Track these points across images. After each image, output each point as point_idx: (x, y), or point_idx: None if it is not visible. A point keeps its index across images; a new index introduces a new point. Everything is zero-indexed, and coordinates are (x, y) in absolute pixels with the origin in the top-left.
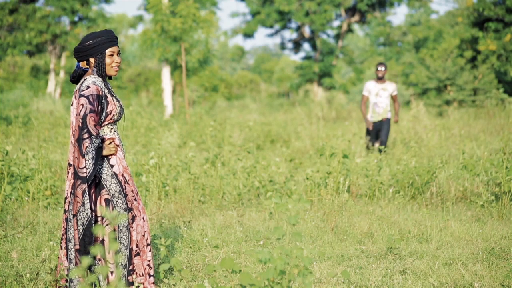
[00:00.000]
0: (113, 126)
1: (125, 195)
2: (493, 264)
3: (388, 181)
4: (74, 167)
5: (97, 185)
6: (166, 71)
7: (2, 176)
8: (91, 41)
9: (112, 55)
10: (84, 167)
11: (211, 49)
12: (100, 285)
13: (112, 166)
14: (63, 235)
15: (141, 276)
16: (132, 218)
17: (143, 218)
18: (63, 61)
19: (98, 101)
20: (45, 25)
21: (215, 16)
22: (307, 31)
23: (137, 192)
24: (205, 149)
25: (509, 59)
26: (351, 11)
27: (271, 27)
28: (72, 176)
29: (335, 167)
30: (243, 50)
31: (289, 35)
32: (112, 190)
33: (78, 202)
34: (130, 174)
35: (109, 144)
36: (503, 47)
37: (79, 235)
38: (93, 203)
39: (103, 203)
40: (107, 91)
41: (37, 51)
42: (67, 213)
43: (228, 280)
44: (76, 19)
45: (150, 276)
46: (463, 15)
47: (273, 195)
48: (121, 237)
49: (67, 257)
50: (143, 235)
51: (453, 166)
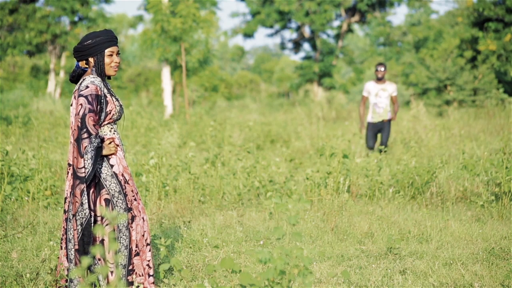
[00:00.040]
0: (113, 125)
1: (125, 195)
2: (493, 264)
3: (388, 181)
4: (73, 167)
5: (97, 185)
6: (166, 71)
7: (2, 176)
8: (91, 40)
9: (111, 55)
10: (83, 167)
11: (211, 49)
12: (100, 285)
13: (112, 166)
14: (63, 235)
15: (141, 276)
16: (131, 218)
17: (143, 218)
18: (63, 61)
19: (97, 100)
20: (45, 25)
21: (215, 16)
22: (307, 31)
23: (137, 192)
24: (205, 149)
25: (509, 59)
26: (351, 11)
27: (271, 27)
28: (71, 176)
29: (335, 167)
30: (243, 50)
31: (289, 35)
32: (112, 190)
33: (76, 202)
34: (130, 174)
35: (109, 143)
36: (503, 47)
37: (78, 235)
38: (93, 203)
39: (103, 203)
40: (106, 91)
41: (37, 51)
42: (67, 213)
43: (228, 280)
44: (76, 19)
45: (149, 276)
46: (463, 15)
47: (273, 195)
48: (121, 237)
49: (67, 257)
50: (143, 235)
51: (453, 166)
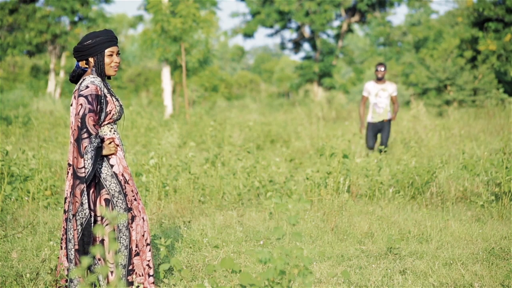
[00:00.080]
0: (113, 125)
1: (125, 195)
2: (493, 264)
3: (388, 181)
4: (73, 167)
5: (97, 185)
6: (166, 71)
7: (2, 176)
8: (91, 40)
9: (111, 55)
10: (82, 167)
11: (211, 49)
12: (100, 285)
13: (112, 166)
14: (63, 235)
15: (141, 276)
16: (131, 218)
17: (142, 218)
18: (63, 61)
19: (97, 100)
20: (45, 25)
21: (215, 16)
22: (307, 31)
23: (137, 192)
24: (205, 149)
25: (509, 59)
26: (351, 11)
27: (271, 27)
28: (71, 176)
29: (335, 167)
30: (243, 50)
31: (289, 35)
32: (112, 190)
33: (76, 202)
34: (130, 174)
35: (109, 143)
36: (503, 47)
37: (78, 235)
38: (93, 203)
39: (103, 203)
40: (106, 91)
41: (37, 51)
42: (67, 213)
43: (228, 280)
44: (76, 19)
45: (149, 276)
46: (463, 15)
47: (273, 195)
48: (121, 237)
49: (67, 257)
50: (143, 235)
51: (453, 166)
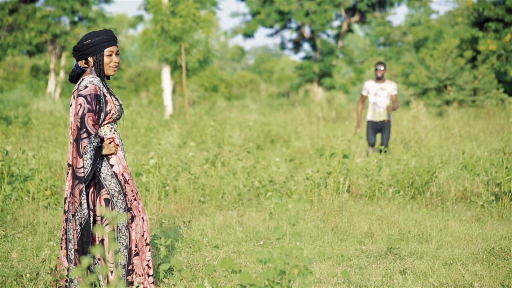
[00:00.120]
0: (113, 125)
1: (125, 194)
2: (493, 264)
3: (388, 181)
4: (72, 167)
5: (97, 185)
6: (166, 71)
7: (2, 176)
8: (90, 40)
9: (110, 55)
10: (81, 167)
11: (211, 49)
12: (100, 285)
13: (112, 165)
14: (63, 235)
15: (141, 276)
16: (131, 218)
17: (142, 218)
18: (63, 61)
19: (96, 100)
20: (45, 25)
21: (215, 16)
22: (307, 31)
23: (137, 192)
24: (205, 149)
25: (509, 59)
26: (351, 11)
27: (271, 27)
28: (71, 176)
29: (335, 167)
30: (243, 50)
31: (289, 35)
32: (111, 189)
33: (75, 202)
34: (130, 173)
35: (109, 143)
36: (503, 47)
37: (77, 235)
38: (93, 203)
39: (103, 203)
40: (105, 90)
41: (37, 51)
42: (67, 214)
43: (228, 280)
44: (76, 19)
45: (149, 276)
46: (463, 15)
47: (273, 195)
48: (121, 237)
49: (67, 257)
50: (142, 235)
51: (453, 166)
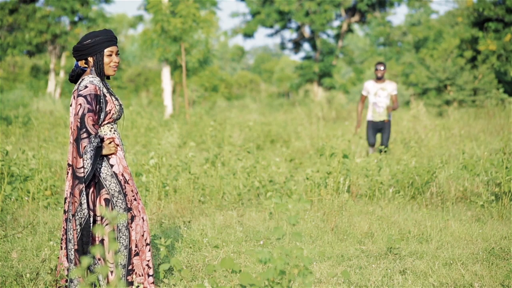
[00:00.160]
0: (113, 125)
1: (125, 194)
2: (493, 264)
3: (388, 181)
4: (72, 167)
5: (97, 185)
6: (166, 71)
7: (2, 176)
8: (90, 40)
9: (110, 55)
10: (81, 167)
11: (211, 49)
12: (100, 285)
13: (112, 165)
14: (63, 235)
15: (141, 276)
16: (131, 218)
17: (142, 218)
18: (63, 61)
19: (96, 100)
20: (45, 25)
21: (215, 16)
22: (307, 31)
23: (137, 192)
24: (205, 149)
25: (509, 59)
26: (351, 11)
27: (271, 27)
28: (71, 176)
29: (335, 167)
30: (243, 50)
31: (289, 35)
32: (111, 189)
33: (75, 202)
34: (130, 173)
35: (109, 143)
36: (503, 47)
37: (77, 235)
38: (93, 203)
39: (103, 203)
40: (105, 90)
41: (37, 51)
42: (67, 214)
43: (228, 280)
44: (76, 19)
45: (149, 276)
46: (463, 15)
47: (273, 195)
48: (120, 237)
49: (67, 257)
50: (142, 235)
51: (453, 166)
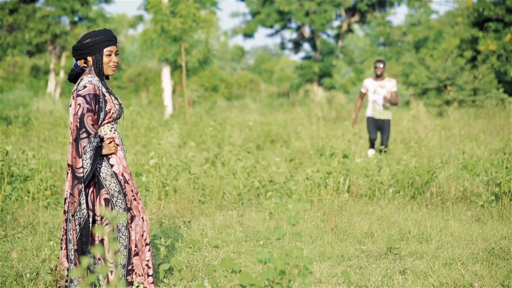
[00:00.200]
0: (113, 125)
1: (125, 194)
2: (493, 264)
3: (388, 181)
4: (72, 167)
5: (97, 185)
6: (166, 71)
7: (2, 176)
8: (90, 39)
9: (110, 55)
10: (81, 167)
11: (211, 49)
12: (100, 285)
13: (112, 165)
14: (63, 235)
15: (140, 276)
16: (131, 217)
17: (142, 218)
18: (63, 61)
19: (95, 100)
20: (45, 25)
21: (215, 16)
22: (307, 31)
23: (137, 192)
24: (205, 149)
25: (509, 59)
26: (351, 11)
27: (271, 27)
28: (71, 176)
29: (335, 167)
30: (243, 50)
31: (289, 35)
32: (111, 189)
33: (75, 202)
34: (130, 173)
35: (109, 143)
36: (503, 47)
37: (77, 235)
38: (92, 202)
39: (103, 203)
40: (104, 90)
41: (37, 51)
42: (66, 214)
43: (228, 280)
44: (76, 19)
45: (149, 276)
46: (463, 15)
47: (273, 195)
48: (120, 237)
49: (67, 257)
50: (142, 235)
51: (453, 166)
